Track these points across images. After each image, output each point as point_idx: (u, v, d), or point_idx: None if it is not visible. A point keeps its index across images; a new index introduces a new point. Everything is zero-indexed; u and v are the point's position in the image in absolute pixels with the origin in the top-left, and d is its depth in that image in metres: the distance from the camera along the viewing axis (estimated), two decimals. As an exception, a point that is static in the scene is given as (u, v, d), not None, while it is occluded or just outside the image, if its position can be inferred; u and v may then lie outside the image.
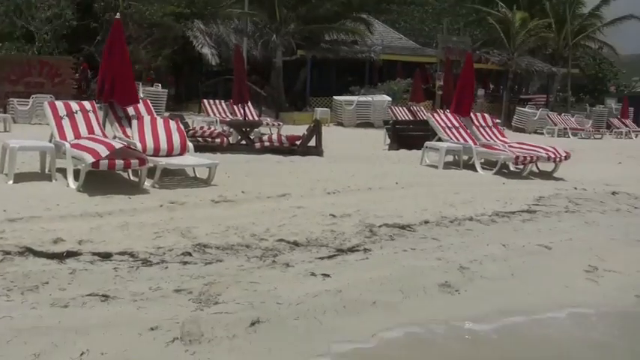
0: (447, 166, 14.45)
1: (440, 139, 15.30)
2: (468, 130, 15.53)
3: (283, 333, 5.21)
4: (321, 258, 7.21)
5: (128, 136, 11.50)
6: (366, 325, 5.47)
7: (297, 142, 15.74)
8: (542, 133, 30.74)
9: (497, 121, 20.86)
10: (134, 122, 11.55)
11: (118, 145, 10.01)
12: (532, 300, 6.43)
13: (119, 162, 9.62)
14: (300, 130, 16.63)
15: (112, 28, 12.17)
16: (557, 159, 14.23)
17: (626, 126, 35.13)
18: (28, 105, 22.56)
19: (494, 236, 8.65)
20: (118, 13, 14.09)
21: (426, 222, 9.20)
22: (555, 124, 31.43)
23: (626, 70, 63.86)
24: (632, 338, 5.80)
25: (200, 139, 15.15)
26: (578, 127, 31.86)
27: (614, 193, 12.83)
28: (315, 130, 15.91)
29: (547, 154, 14.18)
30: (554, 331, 5.81)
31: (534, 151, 14.30)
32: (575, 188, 12.94)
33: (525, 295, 6.56)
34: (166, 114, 19.56)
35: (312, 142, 15.86)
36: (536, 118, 32.41)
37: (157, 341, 4.83)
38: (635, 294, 6.78)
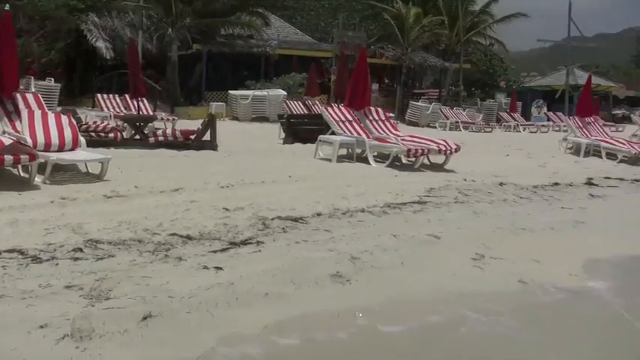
0: (341, 159, 14.62)
1: (334, 133, 15.45)
2: (362, 124, 15.73)
3: (175, 326, 5.17)
4: (214, 251, 7.19)
5: (18, 131, 11.16)
6: (257, 317, 5.48)
7: (192, 137, 15.65)
8: (435, 127, 31.43)
9: (391, 115, 21.28)
10: (24, 117, 11.25)
11: (7, 140, 9.72)
12: (421, 287, 6.58)
13: (8, 158, 9.33)
14: (196, 124, 16.54)
15: (2, 21, 11.72)
16: (448, 151, 14.60)
17: (515, 120, 36.28)
18: None
19: (386, 227, 8.81)
20: (7, 5, 13.66)
21: (319, 214, 9.31)
22: (447, 118, 32.19)
23: (515, 65, 66.02)
24: (514, 320, 6.00)
25: (93, 134, 14.91)
26: (470, 121, 32.71)
27: (501, 184, 13.26)
28: (210, 124, 15.85)
29: (438, 146, 14.53)
30: (442, 317, 5.94)
31: (426, 143, 14.63)
32: (465, 180, 13.32)
33: (415, 283, 6.71)
34: (59, 109, 19.08)
35: (207, 137, 15.79)
36: (429, 112, 33.09)
37: (47, 339, 4.73)
38: (518, 279, 7.01)
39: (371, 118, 16.06)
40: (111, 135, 15.19)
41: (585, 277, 7.42)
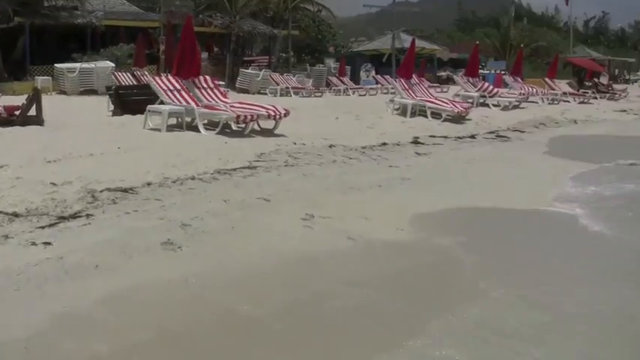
0: (171, 128, 14.44)
1: (162, 103, 15.23)
2: (190, 93, 15.58)
3: (3, 305, 5.02)
4: (42, 227, 6.99)
5: None
6: (88, 290, 5.39)
7: (16, 113, 14.97)
8: (266, 94, 31.52)
9: (221, 83, 21.17)
10: None
11: None
12: (252, 250, 6.66)
13: None
14: (21, 100, 15.81)
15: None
16: (277, 116, 14.72)
17: (344, 84, 36.95)
18: None
19: (216, 193, 8.84)
20: None
21: (149, 184, 9.21)
22: (278, 84, 32.36)
23: (343, 31, 67.06)
24: (342, 273, 6.18)
25: None
26: (300, 87, 33.02)
27: (331, 146, 13.55)
28: (35, 99, 15.19)
29: (267, 112, 14.63)
30: (271, 280, 6.03)
31: (255, 110, 14.69)
32: (295, 143, 13.51)
33: (246, 246, 6.78)
34: None
35: (33, 112, 15.14)
36: (259, 78, 33.12)
37: None
38: (347, 236, 7.21)
39: (200, 86, 15.92)
40: None
41: (412, 231, 7.73)
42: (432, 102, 20.64)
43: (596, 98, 34.71)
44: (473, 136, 17.47)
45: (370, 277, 6.12)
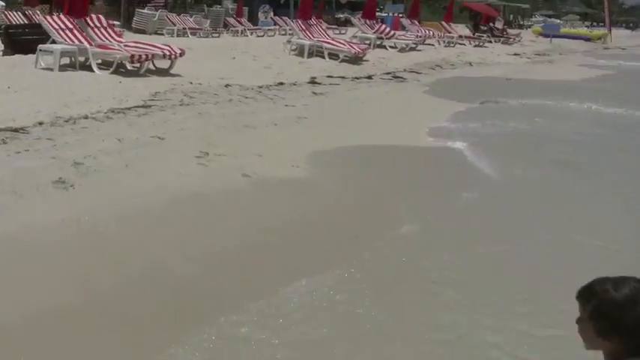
0: (64, 68, 14.03)
1: (55, 42, 14.78)
2: (84, 32, 15.16)
3: None
4: None
5: None
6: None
7: None
8: (163, 34, 30.89)
9: (116, 23, 20.63)
10: None
11: None
12: (145, 188, 6.65)
13: None
14: None
15: None
16: (173, 56, 14.53)
17: (242, 25, 36.50)
18: None
19: (110, 132, 8.72)
20: None
21: (41, 123, 8.99)
22: (175, 25, 31.74)
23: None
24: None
25: None
26: (197, 27, 32.46)
27: (227, 85, 13.50)
28: None
29: (162, 51, 14.43)
30: (166, 217, 6.06)
31: (150, 49, 14.45)
32: (191, 83, 13.40)
33: (139, 184, 6.76)
34: None
35: None
36: (155, 19, 32.35)
37: None
38: (242, 173, 7.29)
39: (93, 25, 15.47)
40: None
41: (307, 167, 7.87)
42: (329, 43, 20.69)
43: (491, 42, 35.47)
44: (369, 77, 17.69)
45: (264, 213, 6.23)
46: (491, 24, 41.71)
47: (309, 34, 21.48)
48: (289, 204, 6.62)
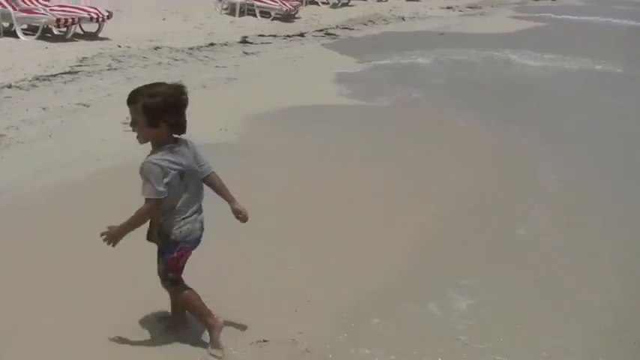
0: (-14, 34, 13.70)
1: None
2: (7, -4, 14.76)
3: None
4: None
5: None
6: None
7: None
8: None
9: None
10: None
11: None
12: (68, 158, 6.56)
13: None
14: None
15: None
16: (100, 19, 14.24)
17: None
18: None
19: (34, 101, 8.57)
20: None
21: (-40, 94, 8.80)
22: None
23: None
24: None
25: None
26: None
27: (156, 48, 13.34)
28: None
29: (89, 14, 14.12)
30: (91, 188, 6.00)
31: (76, 12, 14.13)
32: (120, 46, 13.21)
33: (62, 154, 6.67)
34: None
35: None
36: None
37: None
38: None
39: (16, -12, 15.10)
40: None
41: (234, 131, 7.86)
42: (260, 0, 20.45)
43: (423, -6, 35.41)
44: (302, 35, 17.61)
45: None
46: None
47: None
48: (217, 169, 6.56)
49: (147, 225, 3.47)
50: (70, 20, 13.69)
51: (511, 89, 12.39)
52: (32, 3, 14.75)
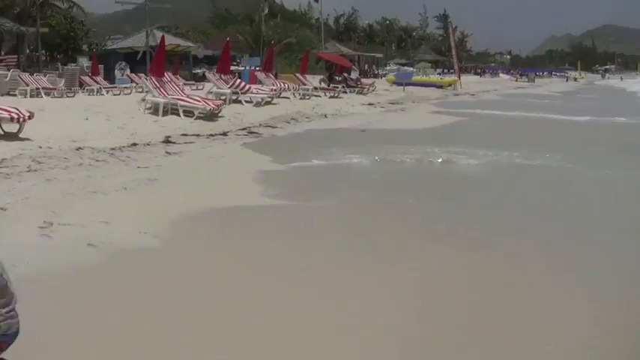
0: None
1: None
2: None
3: None
4: None
5: None
6: None
7: None
8: (16, 95, 30.09)
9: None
10: None
11: None
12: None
13: None
14: None
15: None
16: (21, 119, 14.20)
17: (97, 83, 35.99)
18: None
19: (-52, 205, 8.43)
20: None
21: None
22: (28, 85, 30.96)
23: (97, 28, 65.44)
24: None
25: None
26: (51, 87, 31.72)
27: (78, 148, 13.33)
28: None
29: (10, 114, 14.09)
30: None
31: (-5, 112, 14.12)
32: (41, 147, 13.14)
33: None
34: None
35: None
36: (7, 79, 31.52)
37: None
38: (87, 243, 7.17)
39: None
40: None
41: (155, 234, 7.77)
42: (183, 100, 20.75)
43: (346, 92, 36.37)
44: (225, 134, 17.84)
45: (110, 285, 6.13)
46: (345, 74, 42.78)
47: (164, 92, 21.45)
48: (137, 275, 6.51)
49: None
50: (-11, 121, 13.64)
51: (437, 186, 12.30)
52: (-49, 104, 14.66)
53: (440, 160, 14.18)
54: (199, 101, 20.80)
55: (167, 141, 15.70)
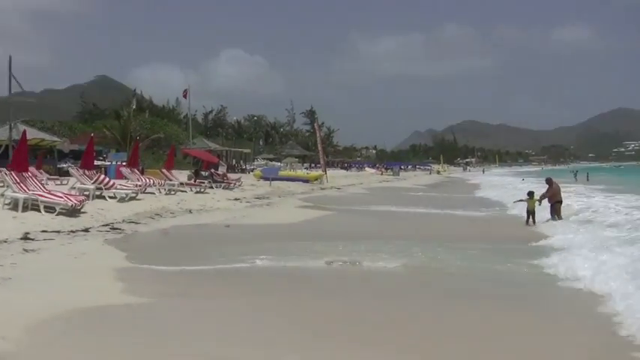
0: None
1: None
2: None
3: None
4: None
5: None
6: None
7: None
8: None
9: None
10: None
11: None
12: None
13: None
14: None
15: None
16: None
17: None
18: None
19: None
20: None
21: None
22: None
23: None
24: None
25: None
26: None
27: None
28: None
29: None
30: None
31: None
32: None
33: None
34: None
35: None
36: None
37: None
38: None
39: None
40: None
41: (10, 339, 7.53)
42: (44, 196, 20.33)
43: (212, 188, 36.52)
44: (86, 230, 17.59)
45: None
46: (212, 169, 43.07)
47: (24, 187, 20.95)
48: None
49: None
50: None
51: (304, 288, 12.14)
52: None
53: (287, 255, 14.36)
54: (61, 197, 20.45)
55: (25, 237, 15.36)
